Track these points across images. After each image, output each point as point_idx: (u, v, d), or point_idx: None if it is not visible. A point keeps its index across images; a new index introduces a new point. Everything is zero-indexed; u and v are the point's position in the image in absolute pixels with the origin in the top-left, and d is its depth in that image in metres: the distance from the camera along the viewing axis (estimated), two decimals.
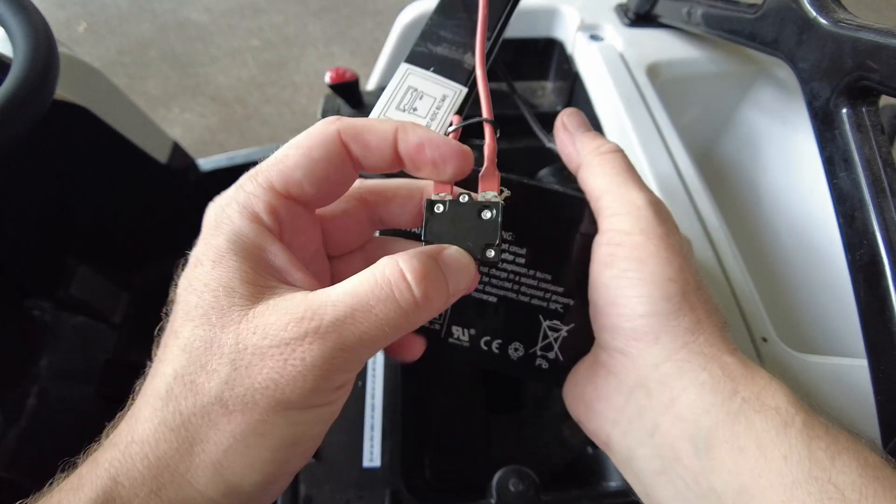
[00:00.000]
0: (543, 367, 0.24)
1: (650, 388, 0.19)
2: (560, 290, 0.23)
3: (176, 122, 1.41)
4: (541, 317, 0.23)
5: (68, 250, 0.65)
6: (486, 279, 0.23)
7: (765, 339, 0.31)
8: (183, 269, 0.17)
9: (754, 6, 0.37)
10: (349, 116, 0.19)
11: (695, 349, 0.19)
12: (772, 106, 0.49)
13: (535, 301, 0.23)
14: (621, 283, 0.20)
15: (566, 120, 0.24)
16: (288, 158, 0.18)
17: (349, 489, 0.29)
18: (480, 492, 0.30)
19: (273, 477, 0.16)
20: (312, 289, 0.17)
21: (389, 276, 0.16)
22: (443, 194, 0.19)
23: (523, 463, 0.30)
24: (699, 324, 0.19)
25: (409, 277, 0.16)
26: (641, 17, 0.50)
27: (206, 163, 0.74)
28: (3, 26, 0.36)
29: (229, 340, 0.15)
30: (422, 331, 0.24)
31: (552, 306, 0.23)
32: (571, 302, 0.23)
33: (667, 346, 0.19)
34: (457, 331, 0.24)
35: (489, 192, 0.20)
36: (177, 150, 0.72)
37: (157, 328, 0.17)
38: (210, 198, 0.18)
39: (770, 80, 0.49)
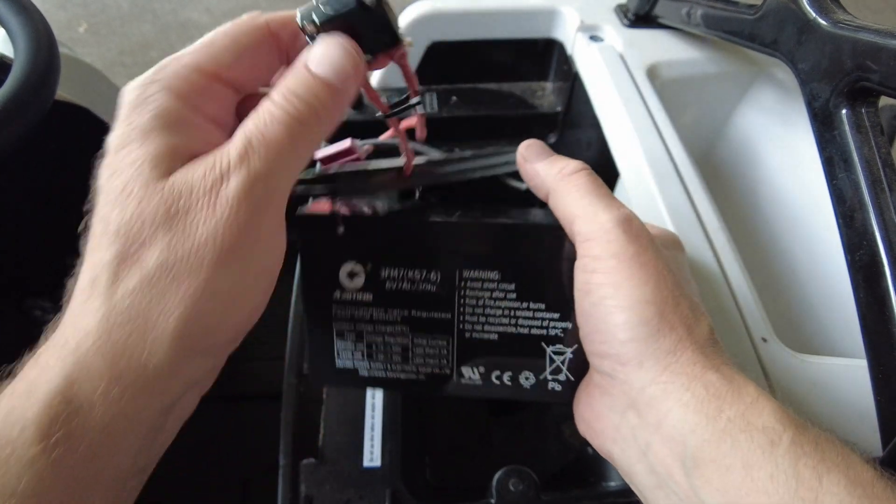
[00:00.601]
0: (557, 389, 0.24)
1: (640, 410, 0.19)
2: (556, 315, 0.23)
3: None
4: (543, 344, 0.24)
5: (68, 250, 0.65)
6: (483, 318, 0.24)
7: (764, 340, 0.31)
8: (101, 163, 0.17)
9: (754, 7, 0.37)
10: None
11: (677, 370, 0.19)
12: (771, 106, 0.49)
13: (534, 331, 0.23)
14: (600, 310, 0.20)
15: (525, 153, 0.23)
16: (216, 42, 0.18)
17: (349, 489, 0.29)
18: (480, 492, 0.30)
19: (234, 337, 0.18)
20: None
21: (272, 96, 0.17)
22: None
23: (523, 463, 0.30)
24: (680, 343, 0.19)
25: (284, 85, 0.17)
26: (641, 18, 0.50)
27: None
28: (4, 27, 0.36)
29: (160, 208, 0.15)
30: (431, 377, 0.24)
31: (552, 332, 0.23)
32: (570, 325, 0.23)
33: (650, 370, 0.19)
34: (467, 371, 0.24)
35: None
36: None
37: (81, 225, 0.17)
38: None
39: (769, 80, 0.49)
